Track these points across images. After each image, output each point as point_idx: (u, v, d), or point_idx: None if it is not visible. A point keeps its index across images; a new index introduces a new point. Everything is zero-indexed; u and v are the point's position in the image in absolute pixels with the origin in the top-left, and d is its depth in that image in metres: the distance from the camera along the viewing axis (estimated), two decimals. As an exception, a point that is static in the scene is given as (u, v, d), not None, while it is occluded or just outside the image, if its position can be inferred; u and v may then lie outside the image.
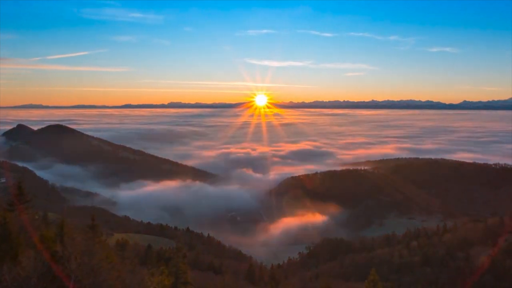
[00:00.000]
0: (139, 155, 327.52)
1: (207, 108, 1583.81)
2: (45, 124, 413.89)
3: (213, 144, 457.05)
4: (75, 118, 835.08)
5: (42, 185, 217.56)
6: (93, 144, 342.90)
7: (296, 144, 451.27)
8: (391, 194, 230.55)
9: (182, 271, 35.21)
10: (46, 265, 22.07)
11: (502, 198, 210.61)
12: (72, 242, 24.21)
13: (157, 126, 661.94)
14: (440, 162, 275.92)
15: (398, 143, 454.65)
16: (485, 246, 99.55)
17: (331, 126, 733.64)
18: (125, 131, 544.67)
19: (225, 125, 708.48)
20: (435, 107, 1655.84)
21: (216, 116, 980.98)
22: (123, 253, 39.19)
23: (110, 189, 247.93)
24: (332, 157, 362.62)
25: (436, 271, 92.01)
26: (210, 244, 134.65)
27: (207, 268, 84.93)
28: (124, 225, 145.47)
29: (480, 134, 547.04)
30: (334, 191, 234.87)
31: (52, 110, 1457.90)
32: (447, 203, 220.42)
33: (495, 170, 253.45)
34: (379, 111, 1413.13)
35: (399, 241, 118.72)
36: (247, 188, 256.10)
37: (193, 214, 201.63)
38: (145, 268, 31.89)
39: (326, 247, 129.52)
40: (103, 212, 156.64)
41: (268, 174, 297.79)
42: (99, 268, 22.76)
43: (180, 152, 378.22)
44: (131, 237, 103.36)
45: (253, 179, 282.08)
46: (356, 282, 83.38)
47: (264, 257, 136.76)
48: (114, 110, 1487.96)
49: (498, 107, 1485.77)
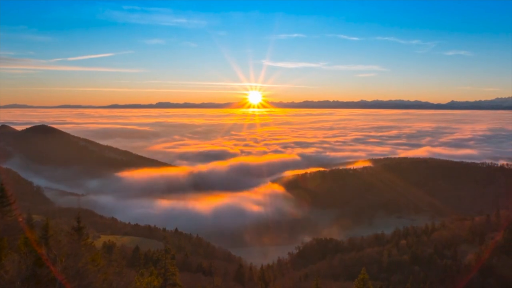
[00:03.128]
0: (125, 155, 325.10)
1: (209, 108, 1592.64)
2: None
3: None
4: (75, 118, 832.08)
5: (26, 187, 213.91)
6: (79, 145, 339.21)
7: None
8: (380, 193, 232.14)
9: (171, 272, 34.67)
10: (31, 269, 21.53)
11: (489, 197, 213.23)
12: (57, 244, 23.70)
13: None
14: (428, 162, 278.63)
15: (388, 143, 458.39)
16: (472, 244, 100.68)
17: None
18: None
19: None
20: (423, 107, 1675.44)
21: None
22: (110, 255, 38.59)
23: (97, 190, 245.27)
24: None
25: (424, 270, 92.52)
26: (199, 246, 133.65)
27: (196, 269, 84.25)
28: (111, 227, 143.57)
29: (467, 133, 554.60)
30: (323, 190, 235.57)
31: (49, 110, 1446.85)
32: (435, 202, 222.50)
33: (481, 169, 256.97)
34: (365, 110, 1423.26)
35: (388, 240, 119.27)
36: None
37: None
38: (132, 271, 31.38)
39: (315, 247, 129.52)
40: (89, 214, 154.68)
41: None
42: (85, 271, 22.30)
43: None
44: (119, 239, 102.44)
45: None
46: (345, 281, 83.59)
47: (254, 258, 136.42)
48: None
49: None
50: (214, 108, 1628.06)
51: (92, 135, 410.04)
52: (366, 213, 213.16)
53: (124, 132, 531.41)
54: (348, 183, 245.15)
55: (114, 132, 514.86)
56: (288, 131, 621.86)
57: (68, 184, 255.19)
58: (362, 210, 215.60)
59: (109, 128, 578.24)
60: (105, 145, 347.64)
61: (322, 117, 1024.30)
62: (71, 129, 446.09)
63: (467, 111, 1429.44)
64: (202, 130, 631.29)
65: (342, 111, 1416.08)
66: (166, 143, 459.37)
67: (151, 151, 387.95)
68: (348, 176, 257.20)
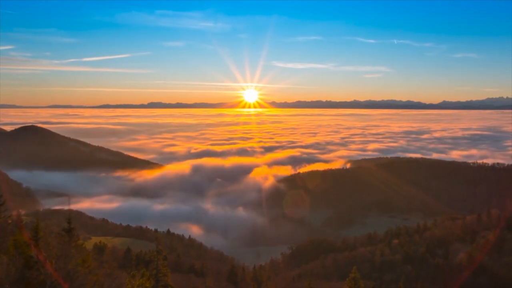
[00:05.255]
0: (116, 156, 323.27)
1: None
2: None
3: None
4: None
5: (16, 188, 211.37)
6: (70, 145, 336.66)
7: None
8: (372, 193, 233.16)
9: (163, 274, 34.37)
10: (20, 271, 21.28)
11: (480, 196, 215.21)
12: (47, 246, 23.42)
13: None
14: (420, 161, 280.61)
15: (379, 143, 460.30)
16: (464, 243, 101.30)
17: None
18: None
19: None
20: (415, 107, 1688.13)
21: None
22: (101, 256, 38.26)
23: (87, 191, 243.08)
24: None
25: (416, 269, 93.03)
26: (191, 246, 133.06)
27: (188, 270, 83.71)
28: (102, 228, 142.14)
29: (459, 133, 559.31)
30: (316, 190, 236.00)
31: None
32: (427, 201, 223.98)
33: (472, 169, 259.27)
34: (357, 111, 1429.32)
35: (381, 239, 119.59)
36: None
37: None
38: (124, 272, 31.06)
39: (308, 247, 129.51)
40: (79, 215, 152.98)
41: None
42: (75, 273, 22.04)
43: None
44: (110, 240, 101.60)
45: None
46: (338, 281, 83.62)
47: (247, 258, 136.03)
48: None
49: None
50: (206, 108, 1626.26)
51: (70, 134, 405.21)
52: (359, 212, 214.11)
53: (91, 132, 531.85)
54: (341, 183, 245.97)
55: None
56: (281, 131, 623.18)
57: (59, 185, 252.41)
58: (355, 209, 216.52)
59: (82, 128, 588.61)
60: (96, 146, 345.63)
61: (315, 117, 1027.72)
62: (59, 129, 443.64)
63: (457, 110, 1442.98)
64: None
65: (334, 111, 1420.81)
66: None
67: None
68: (341, 176, 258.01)
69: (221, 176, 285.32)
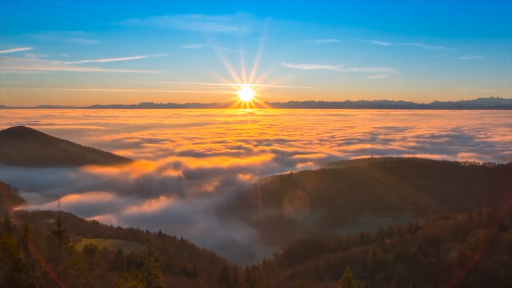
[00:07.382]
0: (107, 157, 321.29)
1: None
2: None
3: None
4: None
5: (4, 190, 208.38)
6: (60, 146, 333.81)
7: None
8: (365, 193, 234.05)
9: (154, 275, 34.08)
10: (8, 274, 20.89)
11: (471, 195, 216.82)
12: (37, 249, 23.05)
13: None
14: (412, 161, 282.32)
15: (371, 143, 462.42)
16: (455, 242, 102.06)
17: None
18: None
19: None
20: (407, 107, 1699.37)
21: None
22: (91, 259, 37.82)
23: (77, 192, 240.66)
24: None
25: (408, 268, 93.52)
26: (183, 248, 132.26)
27: (180, 272, 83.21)
28: (92, 230, 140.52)
29: (449, 133, 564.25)
30: (309, 190, 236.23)
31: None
32: (419, 200, 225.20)
33: (464, 168, 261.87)
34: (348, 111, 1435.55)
35: (373, 239, 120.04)
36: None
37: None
38: (115, 274, 30.68)
39: (301, 247, 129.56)
40: (69, 217, 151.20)
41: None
42: (65, 276, 21.72)
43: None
44: (100, 242, 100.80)
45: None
46: (331, 281, 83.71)
47: (239, 259, 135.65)
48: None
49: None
50: (198, 108, 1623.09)
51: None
52: (351, 212, 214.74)
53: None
54: (333, 183, 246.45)
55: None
56: (274, 131, 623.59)
57: (48, 187, 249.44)
58: (348, 209, 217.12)
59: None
60: (86, 147, 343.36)
61: (308, 117, 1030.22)
62: (46, 129, 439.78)
63: (448, 110, 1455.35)
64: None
65: (329, 111, 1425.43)
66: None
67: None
68: (333, 175, 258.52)
69: (210, 176, 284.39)
